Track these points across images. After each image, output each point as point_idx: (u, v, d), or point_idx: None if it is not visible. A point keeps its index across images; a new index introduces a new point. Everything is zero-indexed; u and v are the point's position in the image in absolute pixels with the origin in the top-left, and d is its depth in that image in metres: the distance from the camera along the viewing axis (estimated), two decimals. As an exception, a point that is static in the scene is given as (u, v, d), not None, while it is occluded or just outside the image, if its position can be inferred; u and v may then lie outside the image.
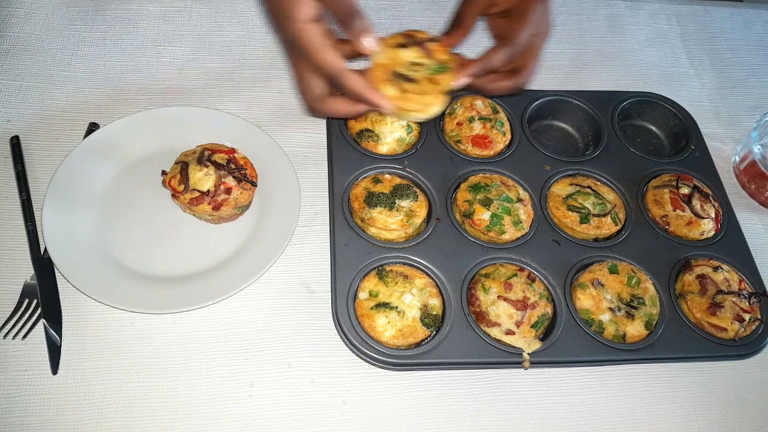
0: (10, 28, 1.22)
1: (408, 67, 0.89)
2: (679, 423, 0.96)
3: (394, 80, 0.87)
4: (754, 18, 1.56)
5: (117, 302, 0.90)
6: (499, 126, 1.15)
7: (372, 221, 1.02)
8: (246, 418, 0.88)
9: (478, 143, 1.13)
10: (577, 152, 1.24)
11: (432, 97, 0.88)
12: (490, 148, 1.14)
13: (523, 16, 0.90)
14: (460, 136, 1.13)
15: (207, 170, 0.98)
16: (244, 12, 1.33)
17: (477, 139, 1.13)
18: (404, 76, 0.88)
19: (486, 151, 1.14)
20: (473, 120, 1.13)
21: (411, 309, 0.94)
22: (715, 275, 1.05)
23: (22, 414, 0.85)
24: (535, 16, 0.90)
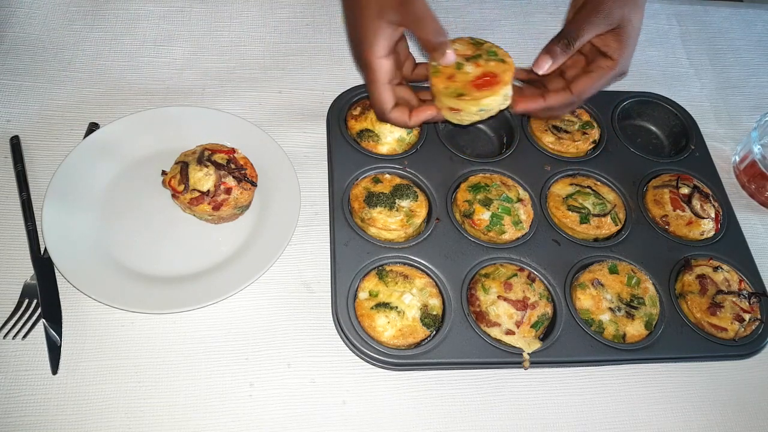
0: (10, 28, 1.22)
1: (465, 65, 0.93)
2: (679, 423, 0.96)
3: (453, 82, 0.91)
4: (754, 18, 1.56)
5: (117, 302, 0.90)
6: (492, 55, 0.95)
7: (372, 221, 1.02)
8: (246, 418, 0.88)
9: (485, 84, 0.92)
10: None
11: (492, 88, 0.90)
12: (500, 82, 0.91)
13: (602, 78, 0.93)
14: (460, 89, 0.92)
15: (207, 170, 0.98)
16: (244, 12, 1.33)
17: (479, 81, 0.92)
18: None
19: (496, 89, 0.90)
20: (462, 66, 0.93)
21: (411, 309, 0.94)
22: (715, 275, 1.05)
23: (22, 414, 0.85)
24: (605, 82, 0.94)
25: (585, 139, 1.19)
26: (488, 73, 0.91)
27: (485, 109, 0.91)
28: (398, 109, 0.94)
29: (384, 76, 0.90)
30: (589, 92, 0.94)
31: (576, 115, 1.22)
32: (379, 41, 0.88)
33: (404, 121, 0.94)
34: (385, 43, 0.88)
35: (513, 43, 1.39)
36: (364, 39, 0.89)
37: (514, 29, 1.42)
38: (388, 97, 0.92)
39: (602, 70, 0.94)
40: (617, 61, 0.93)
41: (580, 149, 1.18)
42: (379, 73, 0.90)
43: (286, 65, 1.26)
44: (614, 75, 0.94)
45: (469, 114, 0.93)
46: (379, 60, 0.89)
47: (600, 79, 0.94)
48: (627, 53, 0.93)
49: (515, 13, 1.45)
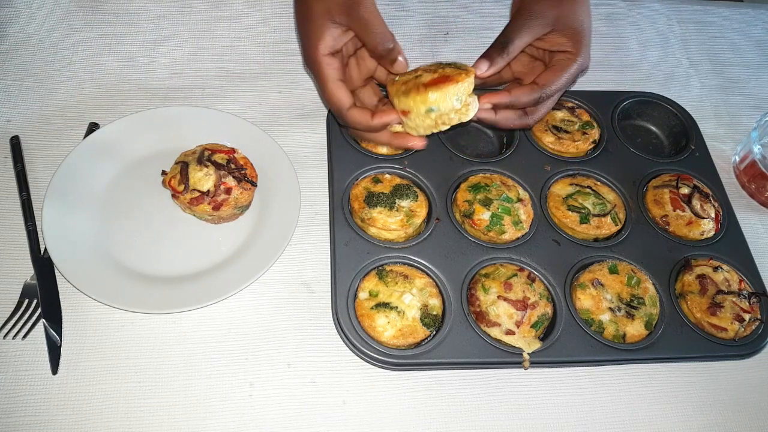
0: (10, 28, 1.22)
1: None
2: (679, 423, 0.96)
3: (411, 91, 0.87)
4: (754, 18, 1.56)
5: (117, 302, 0.90)
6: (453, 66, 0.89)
7: (372, 221, 1.02)
8: (246, 418, 0.88)
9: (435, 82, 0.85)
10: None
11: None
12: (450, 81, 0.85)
13: (564, 70, 0.91)
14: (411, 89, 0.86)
15: (207, 170, 0.98)
16: (244, 12, 1.33)
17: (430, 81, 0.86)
18: None
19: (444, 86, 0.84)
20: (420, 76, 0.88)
21: (411, 309, 0.94)
22: (715, 275, 1.05)
23: (22, 414, 0.85)
24: (571, 73, 0.92)
25: (585, 139, 1.19)
26: (442, 75, 0.87)
27: (435, 109, 0.84)
28: (358, 109, 0.89)
29: (333, 72, 0.87)
30: (554, 85, 0.91)
31: (576, 115, 1.22)
32: (325, 39, 0.86)
33: (366, 121, 0.89)
34: (331, 42, 0.86)
35: (513, 43, 1.39)
36: (311, 36, 0.87)
37: (514, 29, 1.42)
38: (342, 95, 0.88)
39: (563, 62, 0.92)
40: (575, 53, 0.91)
41: (580, 149, 1.18)
42: (327, 69, 0.87)
43: (286, 65, 1.26)
44: (577, 68, 0.92)
45: (420, 116, 0.86)
46: (325, 57, 0.86)
47: (562, 71, 0.91)
48: (581, 46, 0.91)
49: (515, 13, 1.45)
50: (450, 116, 0.86)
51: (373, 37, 0.85)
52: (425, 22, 1.39)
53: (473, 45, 1.37)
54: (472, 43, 1.37)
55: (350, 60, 0.94)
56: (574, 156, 1.18)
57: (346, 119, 0.90)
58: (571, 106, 1.23)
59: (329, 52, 0.87)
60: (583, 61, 0.92)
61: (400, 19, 1.37)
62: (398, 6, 1.39)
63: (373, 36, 0.85)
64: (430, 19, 1.39)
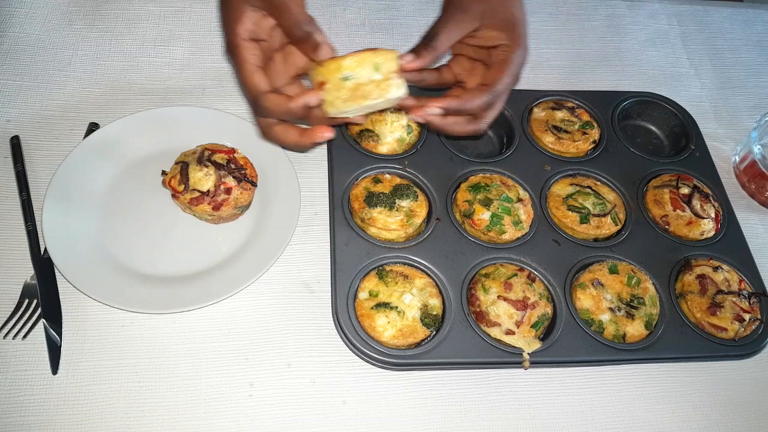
0: (10, 28, 1.22)
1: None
2: (679, 423, 0.96)
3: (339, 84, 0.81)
4: (754, 18, 1.56)
5: (117, 302, 0.90)
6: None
7: (372, 221, 1.02)
8: (246, 418, 0.88)
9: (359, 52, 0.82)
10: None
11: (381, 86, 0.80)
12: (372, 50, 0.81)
13: (507, 64, 0.86)
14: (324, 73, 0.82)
15: (207, 170, 0.98)
16: (244, 12, 1.33)
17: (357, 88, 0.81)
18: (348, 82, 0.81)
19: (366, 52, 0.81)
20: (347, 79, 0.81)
21: (411, 309, 0.94)
22: (715, 275, 1.05)
23: (22, 414, 0.85)
24: (515, 67, 0.87)
25: (585, 139, 1.19)
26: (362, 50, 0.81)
27: (350, 75, 0.79)
28: (275, 94, 0.82)
29: (252, 58, 0.81)
30: (502, 82, 0.86)
31: (576, 115, 1.22)
32: (243, 22, 0.80)
33: (284, 104, 0.81)
34: (251, 26, 0.81)
35: (513, 43, 1.39)
36: (229, 21, 0.82)
37: (514, 29, 1.42)
38: (259, 79, 0.81)
39: (503, 56, 0.86)
40: (513, 44, 0.86)
41: (580, 149, 1.18)
42: (245, 54, 0.81)
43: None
44: (519, 59, 0.87)
45: (335, 86, 0.80)
46: (244, 42, 0.81)
47: (505, 65, 0.86)
48: (517, 36, 0.86)
49: (515, 13, 1.45)
50: (368, 87, 0.80)
51: (288, 18, 0.80)
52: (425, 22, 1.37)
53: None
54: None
55: (276, 54, 0.87)
56: (574, 156, 1.18)
57: (262, 104, 0.81)
58: (571, 106, 1.23)
59: (249, 37, 0.81)
60: (523, 51, 0.87)
61: (399, 19, 1.37)
62: (398, 6, 1.39)
63: (287, 17, 0.80)
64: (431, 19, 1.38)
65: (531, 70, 1.35)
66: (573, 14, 1.47)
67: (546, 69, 1.36)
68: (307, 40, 0.81)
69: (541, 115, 1.21)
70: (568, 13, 1.47)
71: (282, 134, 0.85)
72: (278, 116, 0.83)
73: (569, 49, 1.41)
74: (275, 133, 0.85)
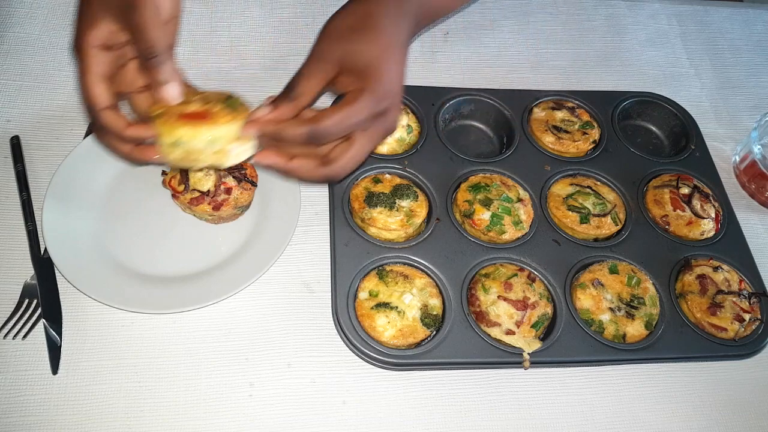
0: (10, 28, 1.22)
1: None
2: (679, 423, 0.96)
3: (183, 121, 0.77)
4: (754, 18, 1.56)
5: (117, 302, 0.90)
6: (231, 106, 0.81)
7: (372, 221, 1.02)
8: (246, 418, 0.88)
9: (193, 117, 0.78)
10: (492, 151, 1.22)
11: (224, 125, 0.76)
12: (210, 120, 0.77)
13: (344, 106, 0.76)
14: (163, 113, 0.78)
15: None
16: (244, 12, 1.33)
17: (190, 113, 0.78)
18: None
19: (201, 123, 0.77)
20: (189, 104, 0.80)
21: (411, 309, 0.94)
22: (715, 275, 1.05)
23: (22, 414, 0.85)
24: (354, 112, 0.76)
25: (585, 139, 1.19)
26: (204, 112, 0.77)
27: (182, 144, 0.76)
28: (114, 113, 0.77)
29: (97, 66, 0.75)
30: (330, 120, 0.75)
31: (576, 115, 1.22)
32: (99, 29, 0.74)
33: (118, 127, 0.76)
34: (105, 35, 0.75)
35: (513, 42, 1.39)
36: (83, 21, 0.76)
37: (514, 29, 1.42)
38: (100, 91, 0.75)
39: (347, 99, 0.77)
40: (362, 88, 0.76)
41: (580, 149, 1.18)
42: (91, 60, 0.75)
43: (287, 65, 1.26)
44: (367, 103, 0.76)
45: (166, 145, 0.77)
46: (93, 48, 0.75)
47: (343, 105, 0.76)
48: (371, 80, 0.76)
49: (515, 13, 1.45)
50: (201, 157, 0.77)
51: (142, 41, 0.74)
52: (425, 22, 1.38)
53: (473, 45, 1.37)
54: (472, 43, 1.37)
55: (131, 63, 0.81)
56: (574, 156, 1.18)
57: (98, 119, 0.77)
58: (571, 106, 1.23)
59: (100, 44, 0.75)
60: (375, 97, 0.76)
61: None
62: (398, 6, 1.39)
63: (142, 40, 0.74)
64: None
65: (531, 70, 1.36)
66: (573, 14, 1.48)
67: (546, 69, 1.36)
68: (155, 71, 0.76)
69: (541, 115, 1.21)
70: (568, 13, 1.47)
71: (113, 144, 0.80)
72: (111, 134, 0.79)
73: (569, 49, 1.41)
74: (106, 140, 0.80)
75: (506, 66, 1.35)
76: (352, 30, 0.79)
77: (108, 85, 0.77)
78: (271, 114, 0.78)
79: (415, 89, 1.19)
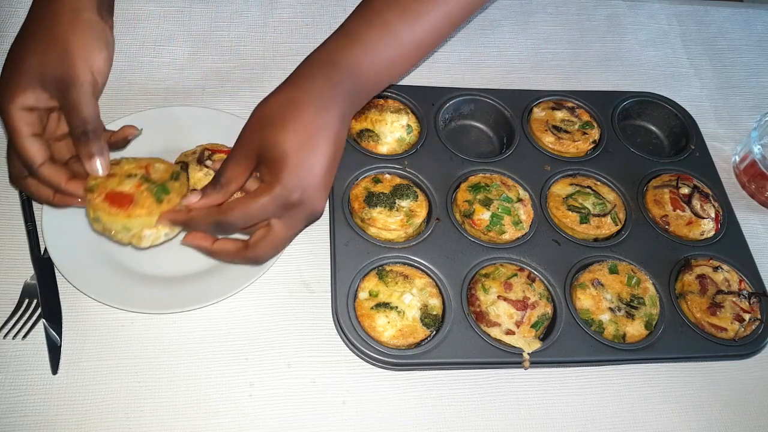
0: (10, 28, 1.22)
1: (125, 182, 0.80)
2: (679, 423, 0.96)
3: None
4: (754, 18, 1.56)
5: (117, 302, 0.90)
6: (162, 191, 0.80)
7: (372, 221, 1.02)
8: (246, 418, 0.88)
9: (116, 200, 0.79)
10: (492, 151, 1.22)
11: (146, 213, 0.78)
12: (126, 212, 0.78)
13: (252, 198, 0.75)
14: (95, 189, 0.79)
15: (207, 170, 0.98)
16: (244, 12, 1.33)
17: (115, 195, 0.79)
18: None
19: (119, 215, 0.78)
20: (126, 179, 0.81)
21: (411, 309, 0.94)
22: (715, 275, 1.05)
23: (22, 414, 0.85)
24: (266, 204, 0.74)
25: (585, 139, 1.19)
26: (125, 196, 0.78)
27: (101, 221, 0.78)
28: (53, 166, 0.78)
29: (26, 128, 0.75)
30: (236, 212, 0.75)
31: (576, 115, 1.22)
32: (26, 96, 0.74)
33: (57, 182, 0.77)
34: (32, 102, 0.75)
35: (513, 43, 1.39)
36: (10, 82, 0.75)
37: (514, 29, 1.42)
38: (35, 149, 0.76)
39: (256, 191, 0.76)
40: (271, 182, 0.74)
41: (580, 149, 1.19)
42: (19, 123, 0.75)
43: (286, 65, 1.25)
44: (273, 198, 0.74)
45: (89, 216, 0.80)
46: (19, 111, 0.75)
47: (250, 197, 0.75)
48: (281, 174, 0.74)
49: (515, 13, 1.45)
50: (118, 236, 0.79)
51: (74, 116, 0.75)
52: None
53: (473, 45, 1.37)
54: (472, 43, 1.37)
55: (52, 114, 0.81)
56: (574, 156, 1.18)
57: (37, 175, 0.77)
58: (571, 106, 1.23)
59: (25, 108, 0.75)
60: (285, 189, 0.74)
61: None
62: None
63: (74, 115, 0.75)
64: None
65: (531, 70, 1.36)
66: (573, 14, 1.48)
67: (546, 69, 1.36)
68: (84, 145, 0.77)
69: (541, 115, 1.21)
70: (568, 14, 1.47)
71: (35, 189, 0.81)
72: (49, 187, 0.80)
73: (569, 49, 1.41)
74: (27, 185, 0.81)
75: (506, 66, 1.35)
76: (273, 118, 0.77)
77: (41, 140, 0.77)
78: (199, 202, 0.79)
79: (415, 89, 1.20)
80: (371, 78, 0.83)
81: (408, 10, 0.82)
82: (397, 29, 0.82)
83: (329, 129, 0.77)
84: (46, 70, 0.75)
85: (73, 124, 0.77)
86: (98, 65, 0.78)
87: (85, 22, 0.77)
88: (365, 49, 0.81)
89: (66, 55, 0.75)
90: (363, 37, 0.81)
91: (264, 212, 0.76)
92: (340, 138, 0.79)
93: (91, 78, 0.77)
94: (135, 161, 0.84)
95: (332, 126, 0.77)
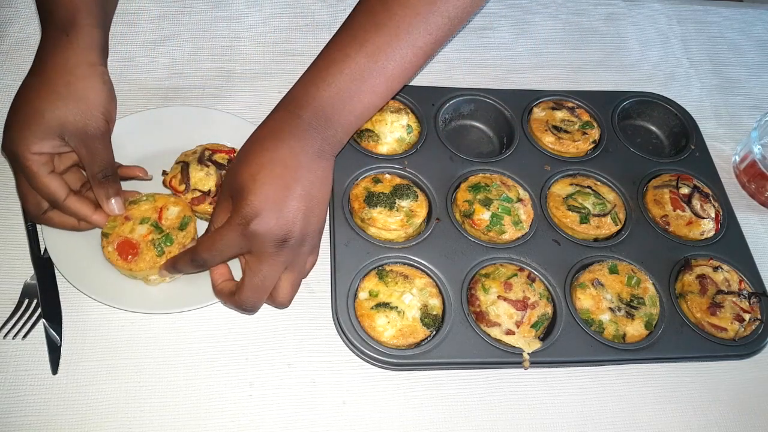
0: (10, 28, 1.22)
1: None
2: (679, 423, 0.96)
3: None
4: (754, 18, 1.56)
5: (117, 302, 0.90)
6: (166, 241, 0.90)
7: (372, 221, 1.02)
8: (246, 418, 0.88)
9: (124, 248, 0.90)
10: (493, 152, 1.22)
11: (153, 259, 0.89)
12: (126, 264, 0.89)
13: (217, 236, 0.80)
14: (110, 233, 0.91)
15: (208, 170, 0.98)
16: (244, 12, 1.33)
17: (124, 242, 0.90)
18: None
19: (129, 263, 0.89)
20: (146, 221, 0.92)
21: (411, 309, 0.94)
22: (715, 275, 1.05)
23: (22, 414, 0.85)
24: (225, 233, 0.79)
25: (585, 139, 1.19)
26: (132, 245, 0.89)
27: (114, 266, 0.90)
28: (77, 198, 0.87)
29: (42, 168, 0.83)
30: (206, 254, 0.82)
31: (576, 115, 1.22)
32: (42, 146, 0.81)
33: (85, 213, 0.88)
34: (48, 149, 0.83)
35: (513, 43, 1.40)
36: (27, 133, 0.81)
37: (514, 29, 1.42)
38: (56, 185, 0.84)
39: (221, 228, 0.80)
40: (233, 215, 0.78)
41: (580, 149, 1.19)
42: (36, 166, 0.82)
43: (286, 65, 1.26)
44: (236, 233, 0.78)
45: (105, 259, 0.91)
46: (34, 155, 0.82)
47: (215, 236, 0.80)
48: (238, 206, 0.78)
49: (515, 13, 1.45)
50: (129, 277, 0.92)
51: (94, 164, 0.85)
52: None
53: (473, 45, 1.37)
54: (472, 44, 1.37)
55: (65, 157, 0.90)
56: (574, 156, 1.19)
57: (63, 208, 0.87)
58: (571, 106, 1.23)
59: (39, 152, 0.82)
60: (242, 219, 0.77)
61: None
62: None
63: (94, 163, 0.85)
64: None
65: (531, 70, 1.36)
66: (573, 14, 1.48)
67: (546, 69, 1.36)
68: (103, 188, 0.87)
69: (541, 115, 1.21)
70: (568, 13, 1.47)
71: (59, 220, 0.90)
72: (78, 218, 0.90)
73: (569, 49, 1.41)
74: (49, 219, 0.89)
75: (506, 66, 1.35)
76: (239, 157, 0.83)
77: (59, 177, 0.85)
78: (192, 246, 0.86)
79: (415, 89, 1.20)
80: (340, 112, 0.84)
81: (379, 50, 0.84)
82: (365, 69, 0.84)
83: (287, 159, 0.80)
84: (68, 124, 0.82)
85: (93, 170, 0.85)
86: (111, 113, 0.87)
87: (99, 75, 0.85)
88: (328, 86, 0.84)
89: (87, 109, 0.83)
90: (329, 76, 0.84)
91: (228, 242, 0.80)
92: (301, 165, 0.80)
93: (107, 126, 0.85)
94: (152, 202, 0.94)
95: (293, 156, 0.80)
